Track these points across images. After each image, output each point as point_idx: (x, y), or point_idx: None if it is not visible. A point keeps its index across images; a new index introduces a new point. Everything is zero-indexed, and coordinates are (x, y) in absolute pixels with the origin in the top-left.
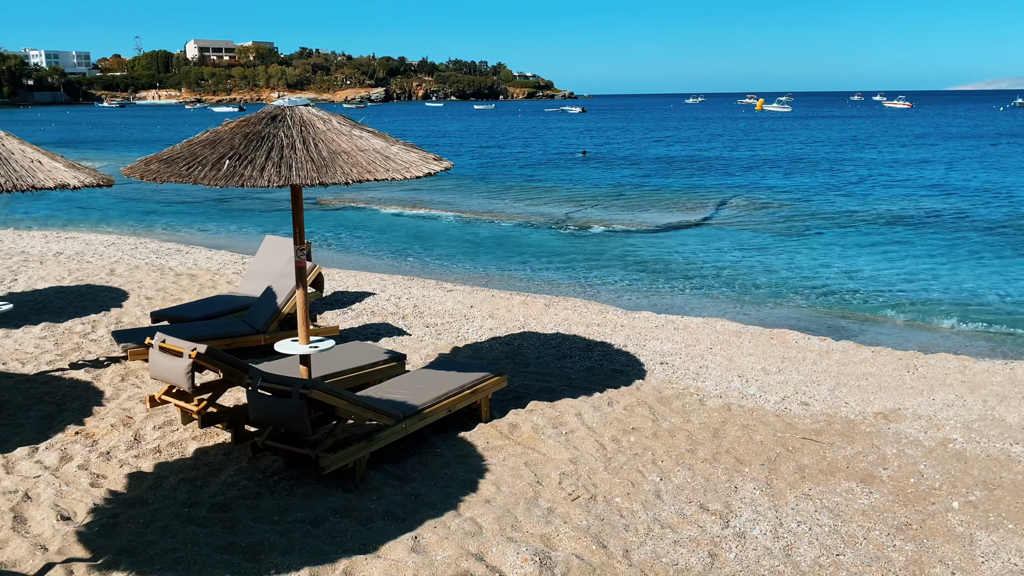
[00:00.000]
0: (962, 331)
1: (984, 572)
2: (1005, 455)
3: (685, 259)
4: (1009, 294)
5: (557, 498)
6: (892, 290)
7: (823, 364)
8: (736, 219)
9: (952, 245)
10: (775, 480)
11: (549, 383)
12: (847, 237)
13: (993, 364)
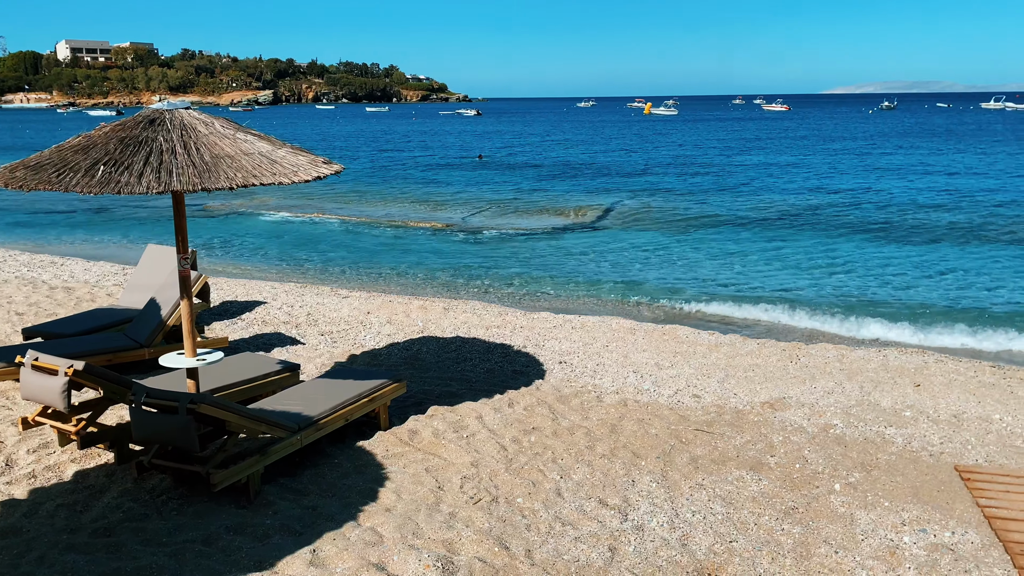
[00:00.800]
0: (839, 322)
1: (864, 549)
2: (880, 437)
3: (582, 260)
4: (885, 287)
5: (459, 502)
6: (776, 285)
7: (712, 357)
8: (631, 220)
9: (831, 242)
10: (670, 472)
11: (449, 387)
12: (735, 236)
13: (868, 352)
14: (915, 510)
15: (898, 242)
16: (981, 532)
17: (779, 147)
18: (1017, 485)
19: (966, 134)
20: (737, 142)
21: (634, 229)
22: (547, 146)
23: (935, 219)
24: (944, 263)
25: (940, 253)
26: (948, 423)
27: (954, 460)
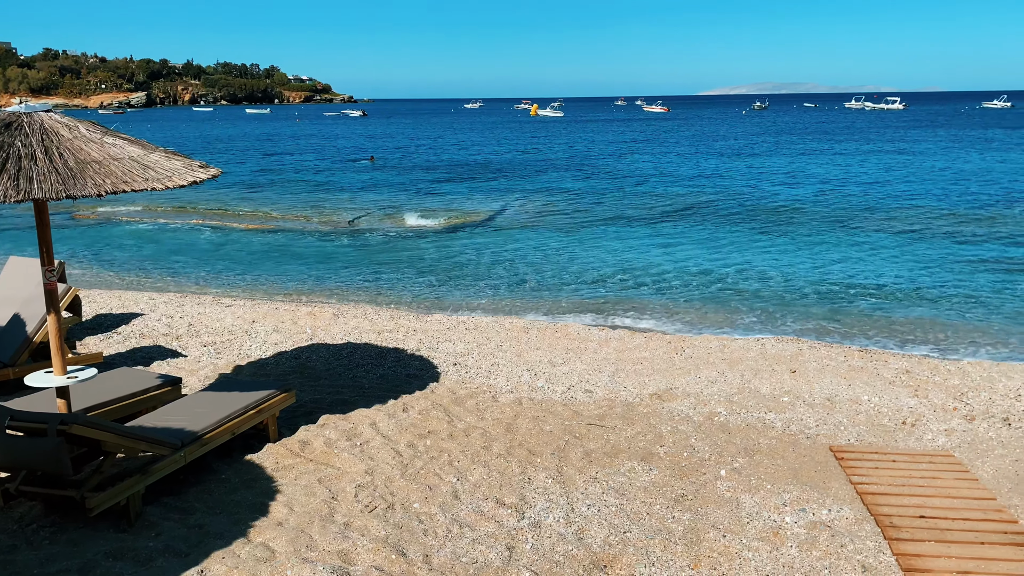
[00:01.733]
0: (721, 312)
1: (749, 531)
2: (761, 423)
3: (477, 260)
4: (764, 278)
5: (354, 511)
6: (664, 280)
7: (603, 352)
8: (524, 220)
9: (715, 236)
10: (565, 467)
11: (341, 395)
12: (625, 233)
13: (747, 341)
14: (795, 491)
15: (777, 235)
16: (854, 507)
17: (664, 147)
18: (885, 461)
19: (837, 131)
20: (624, 143)
21: (527, 228)
22: (440, 147)
23: (813, 212)
24: (821, 254)
25: (817, 244)
26: (822, 406)
27: (829, 441)
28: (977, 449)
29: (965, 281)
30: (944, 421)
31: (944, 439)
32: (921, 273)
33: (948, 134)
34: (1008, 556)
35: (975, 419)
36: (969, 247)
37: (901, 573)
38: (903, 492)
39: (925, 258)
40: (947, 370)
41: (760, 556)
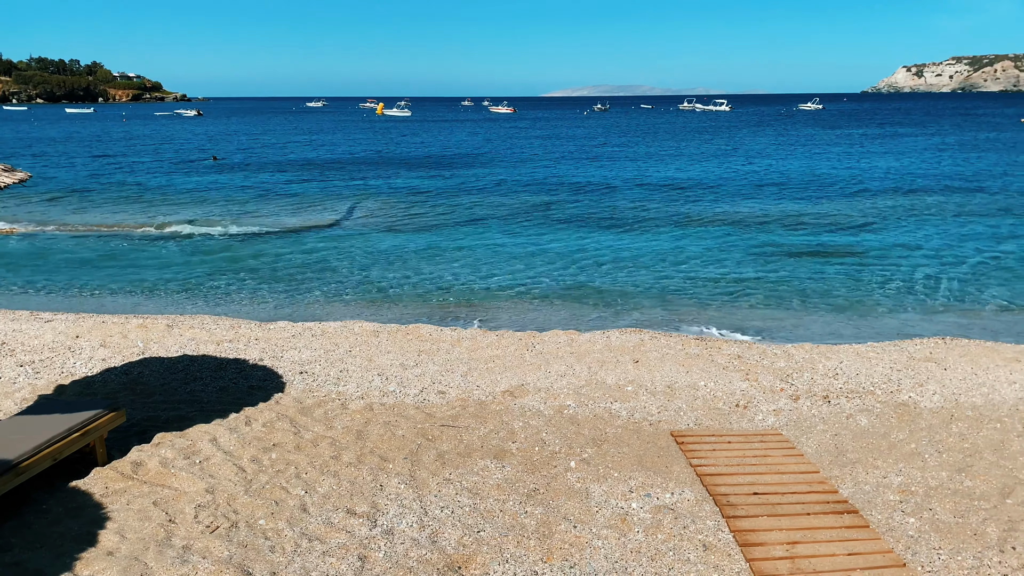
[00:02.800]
0: (570, 308)
1: (598, 519)
2: (608, 412)
3: (320, 263)
4: (609, 272)
5: (194, 533)
6: (513, 277)
7: (455, 352)
8: (374, 220)
9: (561, 234)
10: (418, 471)
11: (178, 410)
12: (473, 232)
13: (594, 335)
14: (640, 477)
15: (621, 231)
16: (695, 489)
17: (516, 146)
18: (721, 443)
19: (676, 132)
20: (476, 143)
21: (378, 230)
22: (287, 147)
23: (656, 210)
24: (662, 248)
25: (658, 240)
26: (664, 393)
27: (670, 426)
28: (802, 426)
29: (788, 270)
30: (773, 402)
31: (773, 419)
32: (749, 264)
33: (775, 131)
34: (830, 524)
35: (799, 398)
36: (790, 238)
37: (738, 548)
38: (738, 471)
39: (752, 250)
40: (774, 354)
41: (609, 544)
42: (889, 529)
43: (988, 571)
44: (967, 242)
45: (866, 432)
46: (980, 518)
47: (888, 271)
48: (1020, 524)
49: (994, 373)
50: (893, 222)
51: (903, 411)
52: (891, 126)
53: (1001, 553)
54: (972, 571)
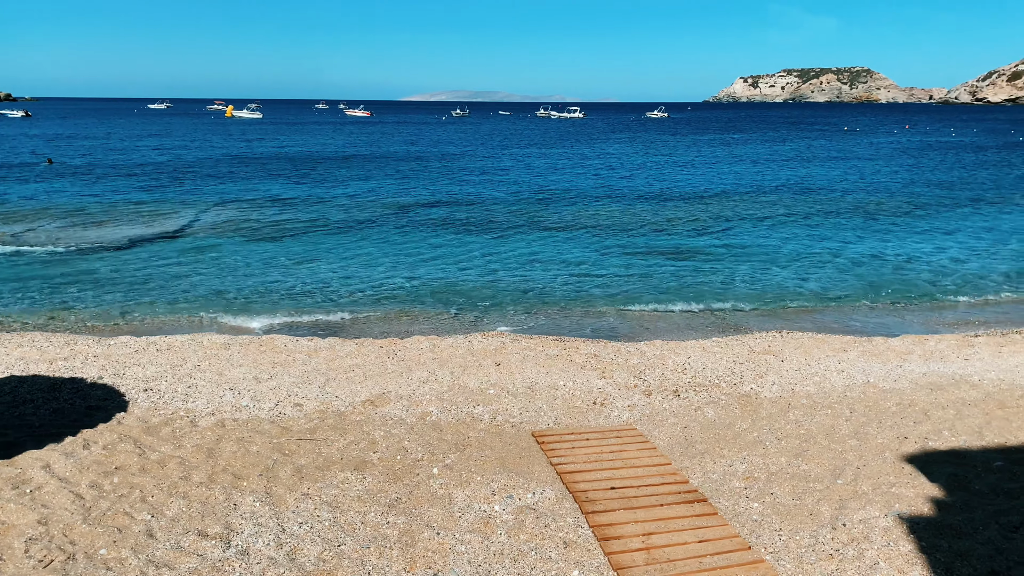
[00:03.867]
0: (434, 313)
1: (461, 525)
2: (470, 416)
3: (166, 274)
4: (472, 276)
5: (23, 570)
6: (374, 284)
7: (313, 363)
8: (225, 227)
9: (416, 239)
10: (275, 487)
11: (4, 437)
12: (335, 239)
13: (456, 340)
14: (503, 479)
15: (480, 234)
16: (555, 488)
17: (374, 151)
18: (580, 440)
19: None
20: (333, 146)
21: (229, 237)
22: (131, 150)
23: (520, 214)
24: (519, 251)
25: (515, 243)
26: (525, 394)
27: (531, 427)
28: (655, 420)
29: (642, 271)
30: (627, 398)
31: (628, 414)
32: (606, 265)
33: (628, 137)
34: (682, 513)
35: (652, 393)
36: (643, 240)
37: (597, 542)
38: (596, 467)
39: (608, 252)
40: (628, 352)
41: (472, 548)
42: (735, 515)
43: (823, 548)
44: (801, 241)
45: (713, 423)
46: (815, 499)
47: (731, 269)
48: (849, 503)
49: (824, 363)
50: (736, 223)
51: (746, 402)
52: (734, 132)
53: (833, 530)
54: (808, 549)
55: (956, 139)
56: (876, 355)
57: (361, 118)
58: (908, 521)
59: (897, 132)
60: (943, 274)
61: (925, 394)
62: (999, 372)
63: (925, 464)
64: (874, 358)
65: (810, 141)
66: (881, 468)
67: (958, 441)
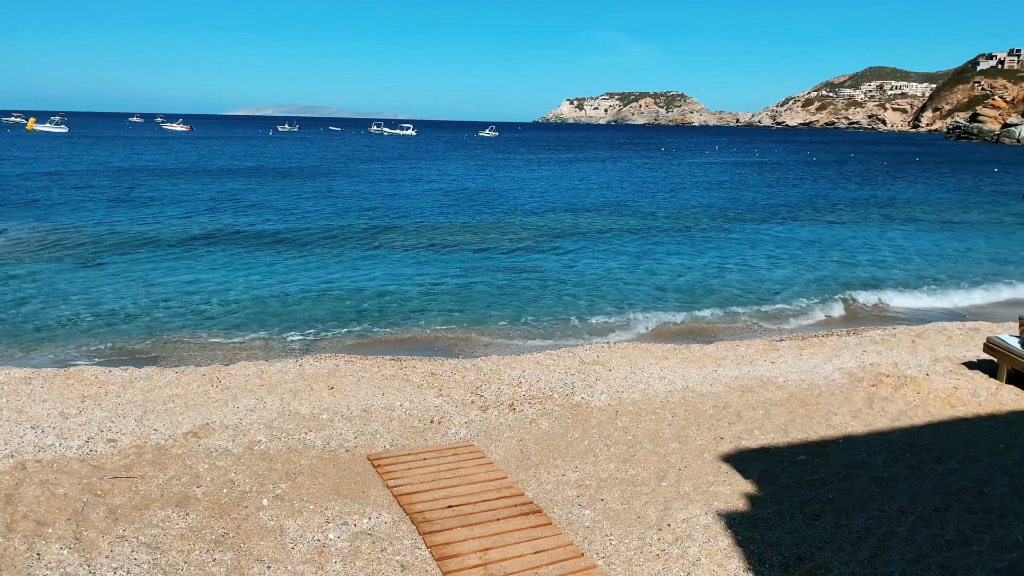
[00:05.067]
0: (260, 337)
1: (294, 556)
2: (302, 444)
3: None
4: (299, 299)
5: None
6: (193, 307)
7: (128, 395)
8: (25, 249)
9: (240, 258)
10: (85, 532)
11: None
12: (152, 260)
13: (286, 363)
14: (337, 506)
15: (314, 254)
16: (392, 511)
17: (196, 167)
18: (417, 461)
19: (372, 154)
20: (145, 162)
21: (29, 259)
22: None
23: (351, 232)
24: (359, 271)
25: (356, 262)
26: (360, 418)
27: (367, 451)
28: (491, 435)
29: (478, 286)
30: (464, 414)
31: (465, 431)
32: (440, 282)
33: (467, 154)
34: (518, 526)
35: (488, 409)
36: (481, 256)
37: (435, 563)
38: (433, 487)
39: (442, 268)
40: (465, 368)
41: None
42: (569, 523)
43: (650, 549)
44: (629, 255)
45: (547, 435)
46: (642, 502)
47: (564, 283)
48: (673, 503)
49: (648, 371)
50: (569, 239)
51: (577, 412)
52: (566, 152)
53: (659, 531)
54: (637, 551)
55: (759, 159)
56: (694, 361)
57: (180, 133)
58: (725, 517)
59: (708, 153)
60: (752, 282)
61: (738, 396)
62: (800, 373)
63: (739, 462)
64: (692, 364)
65: (634, 160)
66: (701, 468)
67: (767, 439)
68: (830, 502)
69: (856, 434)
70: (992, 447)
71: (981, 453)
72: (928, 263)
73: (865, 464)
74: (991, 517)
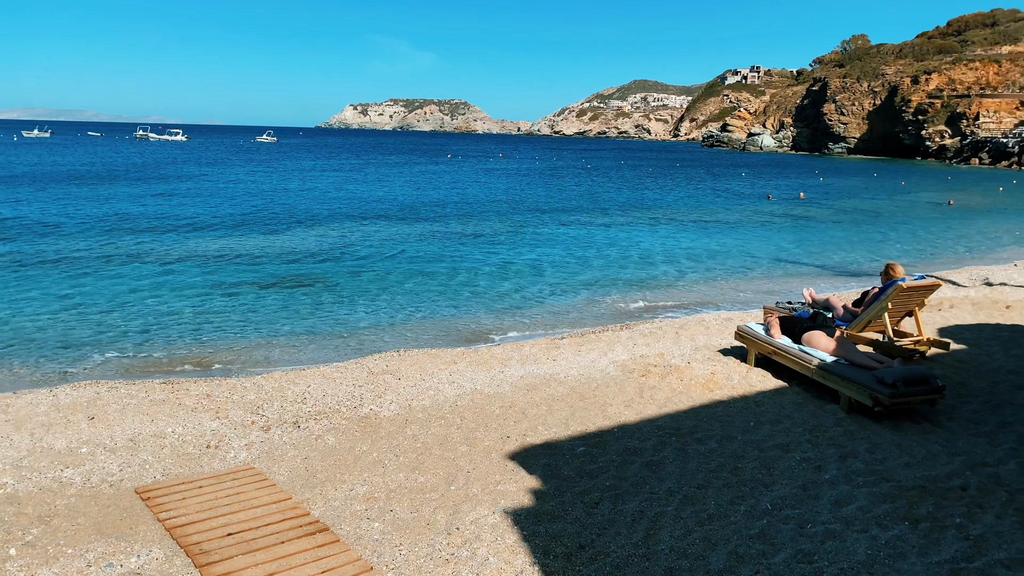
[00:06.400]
0: (2, 367)
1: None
2: (58, 482)
3: None
4: (51, 321)
5: None
6: None
7: None
8: None
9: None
10: None
11: None
12: None
13: (36, 395)
14: (100, 546)
15: (69, 270)
16: (165, 545)
17: None
18: (192, 490)
19: (136, 161)
20: None
21: None
22: None
23: (108, 247)
24: (125, 287)
25: (106, 278)
26: (126, 448)
27: (135, 483)
28: (274, 456)
29: (254, 301)
30: (245, 436)
31: (245, 454)
32: (214, 298)
33: (244, 159)
34: (305, 547)
35: (271, 428)
36: (262, 268)
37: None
38: (211, 516)
39: (217, 283)
40: (244, 387)
41: None
42: (358, 538)
43: (439, 555)
44: (417, 258)
45: (334, 450)
46: (432, 508)
47: (351, 292)
48: (462, 506)
49: (438, 376)
50: (354, 247)
51: (366, 424)
52: (353, 159)
53: (448, 535)
54: (427, 559)
55: (540, 165)
56: (482, 364)
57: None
58: (512, 514)
59: (493, 160)
60: (535, 282)
61: (523, 395)
62: (579, 368)
63: (525, 459)
64: (480, 367)
65: (424, 166)
66: (489, 469)
67: (550, 434)
68: (607, 489)
69: (629, 422)
70: (744, 425)
71: (735, 431)
72: (691, 260)
73: (638, 450)
74: (744, 489)
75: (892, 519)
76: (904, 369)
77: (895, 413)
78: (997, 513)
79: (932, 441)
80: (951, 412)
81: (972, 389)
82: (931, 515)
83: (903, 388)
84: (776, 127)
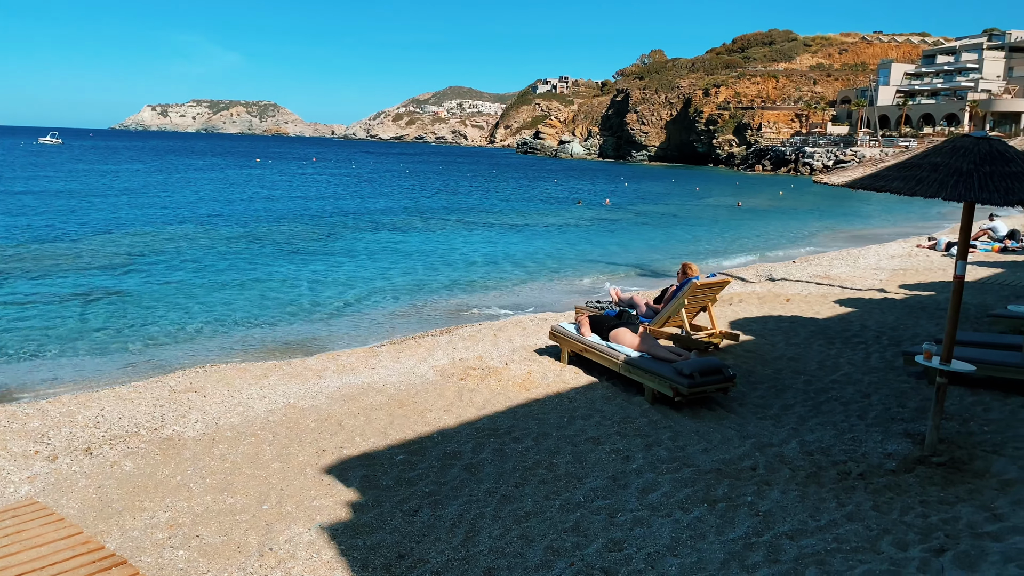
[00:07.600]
0: None
1: None
2: None
3: None
4: None
5: None
6: None
7: None
8: None
9: None
10: None
11: None
12: None
13: None
14: None
15: None
16: None
17: None
18: None
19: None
20: None
21: None
22: None
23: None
24: None
25: None
26: None
27: None
28: (62, 487)
29: (40, 317)
30: (27, 468)
31: (28, 487)
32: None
33: (25, 162)
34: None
35: (58, 458)
36: (54, 281)
37: None
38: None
39: (7, 295)
40: (26, 414)
41: None
42: (160, 568)
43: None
44: (229, 269)
45: (132, 476)
46: (242, 530)
47: (145, 307)
48: (275, 525)
49: (247, 392)
50: (145, 260)
51: (168, 446)
52: (136, 164)
53: (261, 557)
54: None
55: (356, 170)
56: (295, 376)
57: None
58: (329, 530)
59: (306, 164)
60: (350, 289)
61: (340, 406)
62: (398, 375)
63: (342, 472)
64: (294, 379)
65: (228, 171)
66: (303, 485)
67: (368, 444)
68: (427, 495)
69: (449, 427)
70: (558, 421)
71: (550, 428)
72: (510, 262)
73: (457, 454)
74: (559, 484)
75: (692, 502)
76: (700, 361)
77: (694, 402)
78: (782, 489)
79: (726, 426)
80: (742, 398)
81: (759, 376)
82: (726, 496)
83: (700, 379)
84: (585, 135)
